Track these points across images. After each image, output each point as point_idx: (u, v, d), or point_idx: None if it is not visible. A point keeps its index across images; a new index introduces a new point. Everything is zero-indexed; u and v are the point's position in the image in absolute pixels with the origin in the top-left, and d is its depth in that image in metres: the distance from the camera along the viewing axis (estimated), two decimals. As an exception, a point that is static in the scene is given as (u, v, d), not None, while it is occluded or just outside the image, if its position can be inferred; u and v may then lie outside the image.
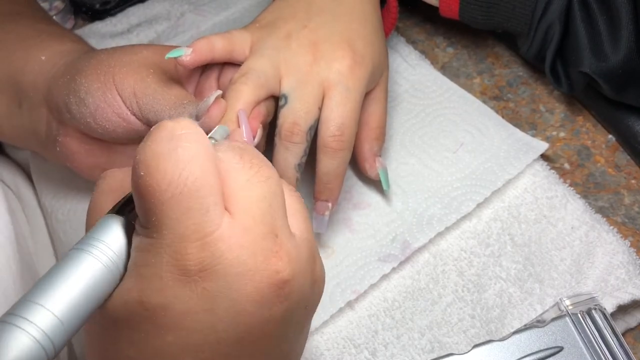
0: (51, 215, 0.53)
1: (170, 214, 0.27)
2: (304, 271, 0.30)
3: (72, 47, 0.48)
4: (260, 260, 0.28)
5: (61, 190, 0.54)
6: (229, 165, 0.29)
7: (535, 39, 0.54)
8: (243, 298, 0.28)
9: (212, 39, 0.45)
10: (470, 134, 0.54)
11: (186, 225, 0.27)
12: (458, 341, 0.46)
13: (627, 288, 0.46)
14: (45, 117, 0.46)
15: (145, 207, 0.27)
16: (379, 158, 0.50)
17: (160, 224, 0.27)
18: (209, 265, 0.27)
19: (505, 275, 0.48)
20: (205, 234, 0.27)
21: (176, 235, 0.27)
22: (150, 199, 0.27)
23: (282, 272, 0.28)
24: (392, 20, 0.55)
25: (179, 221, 0.27)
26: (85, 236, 0.28)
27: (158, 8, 0.67)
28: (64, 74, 0.45)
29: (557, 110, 0.58)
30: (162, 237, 0.27)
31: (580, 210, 0.50)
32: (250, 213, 0.28)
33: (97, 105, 0.43)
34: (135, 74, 0.43)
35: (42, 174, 0.55)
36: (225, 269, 0.27)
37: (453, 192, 0.51)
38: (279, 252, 0.29)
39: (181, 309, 0.28)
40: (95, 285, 0.27)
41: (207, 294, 0.28)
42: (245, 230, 0.28)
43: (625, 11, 0.49)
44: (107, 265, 0.28)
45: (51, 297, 0.26)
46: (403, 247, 0.49)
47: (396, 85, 0.58)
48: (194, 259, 0.27)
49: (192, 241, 0.27)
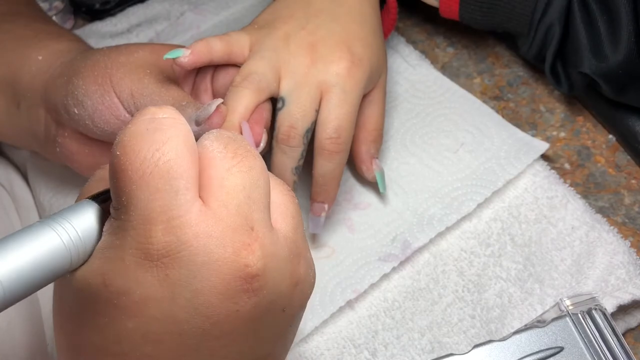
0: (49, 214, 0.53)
1: (139, 193, 0.26)
2: (281, 269, 0.29)
3: (69, 46, 0.48)
4: (230, 251, 0.27)
5: (60, 189, 0.54)
6: (211, 153, 0.29)
7: (535, 40, 0.54)
8: (207, 289, 0.27)
9: (210, 41, 0.45)
10: (471, 134, 0.54)
11: (152, 207, 0.26)
12: (458, 341, 0.46)
13: (628, 288, 0.46)
14: (44, 118, 0.46)
15: (117, 187, 0.27)
16: (375, 160, 0.50)
17: (128, 204, 0.27)
18: (173, 251, 0.27)
19: (506, 276, 0.48)
20: (171, 217, 0.27)
21: (142, 216, 0.27)
22: (122, 178, 0.27)
23: (252, 266, 0.27)
24: (391, 21, 0.55)
25: (146, 202, 0.26)
26: (55, 214, 0.28)
27: (158, 8, 0.67)
28: (61, 74, 0.45)
29: (557, 111, 0.58)
30: (129, 218, 0.27)
31: (580, 211, 0.50)
32: (225, 202, 0.28)
33: (96, 107, 0.43)
34: (132, 75, 0.43)
35: (40, 173, 0.55)
36: (189, 257, 0.27)
37: (453, 192, 0.51)
38: (252, 245, 0.28)
39: (142, 294, 0.27)
40: (48, 261, 0.26)
41: (169, 281, 0.27)
42: (216, 219, 0.27)
43: (625, 11, 0.49)
44: (67, 243, 0.27)
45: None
46: (403, 246, 0.49)
47: (397, 85, 0.58)
48: (158, 243, 0.26)
49: (157, 224, 0.26)
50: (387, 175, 0.53)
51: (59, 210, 0.28)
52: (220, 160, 0.29)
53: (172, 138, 0.27)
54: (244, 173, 0.28)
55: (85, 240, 0.28)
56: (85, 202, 0.29)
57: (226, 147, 0.29)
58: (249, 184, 0.28)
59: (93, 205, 0.29)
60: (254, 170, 0.29)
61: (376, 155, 0.50)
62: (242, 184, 0.28)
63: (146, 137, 0.27)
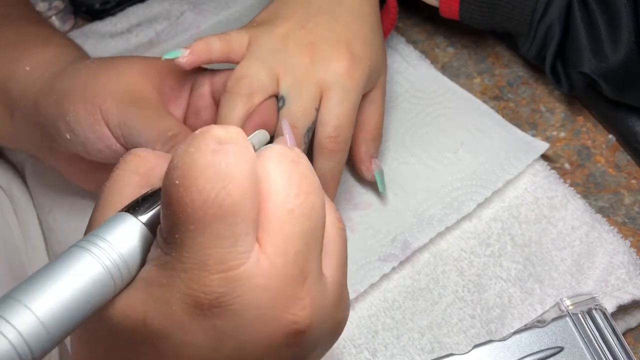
0: (48, 216, 0.53)
1: (197, 236, 0.24)
2: (326, 319, 0.28)
3: (56, 54, 0.46)
4: (281, 307, 0.25)
5: (58, 190, 0.54)
6: (274, 186, 0.26)
7: (535, 39, 0.54)
8: (253, 342, 0.26)
9: (209, 40, 0.44)
10: (471, 134, 0.54)
11: (211, 254, 0.24)
12: (458, 341, 0.46)
13: (628, 288, 0.46)
14: (36, 131, 0.45)
15: (172, 220, 0.25)
16: (375, 160, 0.50)
17: (182, 243, 0.24)
18: (225, 303, 0.25)
19: (506, 276, 0.48)
20: (229, 267, 0.24)
21: (197, 261, 0.24)
22: (179, 213, 0.24)
23: (300, 324, 0.26)
24: (391, 20, 0.55)
25: (203, 246, 0.24)
26: (91, 233, 0.25)
27: (158, 8, 0.67)
28: (51, 90, 0.43)
29: (557, 110, 0.58)
30: (182, 258, 0.24)
31: (580, 211, 0.50)
32: (284, 251, 0.25)
33: (87, 136, 0.42)
34: (119, 104, 0.41)
35: (39, 175, 0.55)
36: (242, 310, 0.25)
37: (454, 192, 0.51)
38: (303, 300, 0.26)
39: (185, 340, 0.25)
40: (90, 290, 0.24)
41: (216, 332, 0.25)
42: (273, 270, 0.25)
43: (626, 11, 0.49)
44: (109, 269, 0.24)
45: (37, 297, 0.23)
46: (403, 246, 0.49)
47: (396, 85, 0.58)
48: (211, 293, 0.24)
49: (213, 272, 0.24)
50: (387, 175, 0.53)
51: (93, 229, 0.26)
52: (283, 197, 0.26)
53: (239, 175, 0.24)
54: (306, 216, 0.26)
55: (128, 263, 0.25)
56: (122, 216, 0.26)
57: (290, 179, 0.26)
58: (308, 229, 0.26)
59: (133, 221, 0.26)
60: (316, 210, 0.26)
61: (375, 155, 0.50)
62: (303, 230, 0.26)
63: (211, 171, 0.24)
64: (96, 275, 0.24)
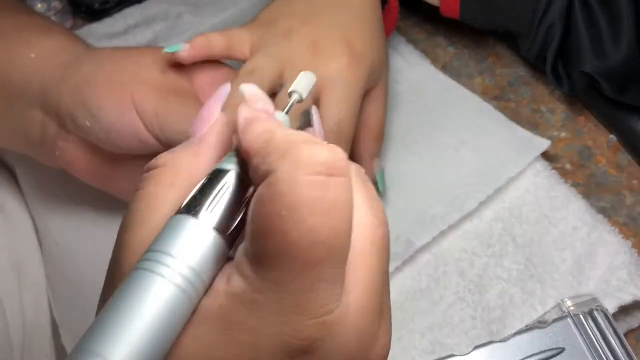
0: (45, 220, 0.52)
1: (301, 278, 0.22)
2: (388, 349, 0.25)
3: (63, 42, 0.45)
4: (366, 347, 0.24)
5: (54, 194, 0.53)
6: (358, 216, 0.24)
7: (536, 39, 0.54)
8: None
9: (210, 36, 0.44)
10: (472, 132, 0.54)
11: (311, 297, 0.22)
12: (459, 342, 0.46)
13: (629, 289, 0.46)
14: (40, 120, 0.44)
15: (269, 255, 0.22)
16: (376, 159, 0.50)
17: (281, 283, 0.22)
18: (317, 348, 0.22)
19: (507, 276, 0.48)
20: (325, 312, 0.22)
21: (296, 305, 0.22)
22: (283, 250, 0.21)
23: (375, 357, 0.24)
24: (393, 20, 0.55)
25: (305, 290, 0.22)
26: (150, 248, 0.22)
27: (156, 9, 0.67)
28: (64, 79, 0.42)
29: (558, 110, 0.58)
30: (277, 300, 0.22)
31: (581, 211, 0.50)
32: (369, 289, 0.23)
33: (112, 124, 0.40)
34: (155, 93, 0.41)
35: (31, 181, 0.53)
36: (329, 354, 0.23)
37: (456, 191, 0.51)
38: (382, 339, 0.24)
39: None
40: (169, 319, 0.21)
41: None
42: (361, 310, 0.23)
43: (627, 11, 0.49)
44: (184, 287, 0.21)
45: (116, 345, 0.20)
46: (406, 246, 0.49)
47: (397, 84, 0.58)
48: (306, 339, 0.22)
49: (311, 317, 0.22)
50: (388, 174, 0.52)
51: (154, 242, 0.22)
52: (366, 229, 0.24)
53: (347, 214, 0.22)
54: (385, 249, 0.24)
55: (200, 274, 0.22)
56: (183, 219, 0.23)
57: (371, 208, 0.24)
58: (385, 260, 0.24)
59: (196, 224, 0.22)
60: (386, 238, 0.25)
61: (377, 154, 0.50)
62: (381, 264, 0.24)
63: (322, 206, 0.21)
64: (171, 299, 0.21)
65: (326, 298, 0.22)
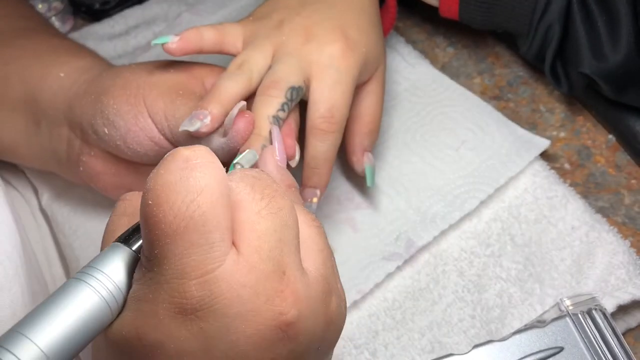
0: (51, 218, 0.53)
1: (173, 248, 0.26)
2: (315, 311, 0.28)
3: (91, 63, 0.47)
4: (263, 300, 0.26)
5: (60, 191, 0.54)
6: (239, 196, 0.28)
7: (535, 40, 0.54)
8: (242, 340, 0.27)
9: (201, 29, 0.44)
10: (472, 132, 0.54)
11: (187, 262, 0.26)
12: (458, 341, 0.46)
13: (628, 288, 0.46)
14: (66, 136, 0.45)
15: (150, 238, 0.26)
16: (367, 153, 0.49)
17: (161, 257, 0.26)
18: (207, 305, 0.26)
19: (506, 276, 0.48)
20: (206, 271, 0.26)
21: (176, 271, 0.26)
22: (155, 230, 0.26)
23: (287, 314, 0.27)
24: (390, 20, 0.55)
25: (180, 257, 0.26)
26: (87, 265, 0.27)
27: (156, 9, 0.67)
28: (87, 92, 0.44)
29: (557, 110, 0.58)
30: (162, 271, 0.26)
31: (580, 210, 0.50)
32: (257, 248, 0.27)
33: (128, 128, 0.42)
34: (165, 96, 0.42)
35: (40, 176, 0.55)
36: (224, 309, 0.26)
37: (456, 190, 0.51)
38: (284, 292, 0.27)
39: (177, 347, 0.27)
40: (89, 320, 0.26)
41: (203, 334, 0.26)
42: (250, 267, 0.26)
43: (625, 11, 0.49)
44: (105, 298, 0.26)
45: (40, 330, 0.25)
46: (407, 245, 0.49)
47: (396, 84, 0.58)
48: (192, 297, 0.26)
49: (192, 278, 0.26)
50: (388, 174, 0.53)
51: (91, 260, 0.28)
52: (249, 203, 0.28)
53: (207, 187, 0.26)
54: (274, 215, 0.28)
55: (122, 289, 0.27)
56: (115, 246, 0.28)
57: (253, 188, 0.28)
58: (279, 226, 0.28)
59: (123, 250, 0.28)
60: (283, 210, 0.28)
61: (369, 149, 0.49)
62: (273, 227, 0.27)
63: (179, 186, 0.26)
64: (94, 305, 0.26)
65: (202, 261, 0.26)
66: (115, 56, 0.64)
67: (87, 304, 0.26)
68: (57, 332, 0.25)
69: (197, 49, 0.44)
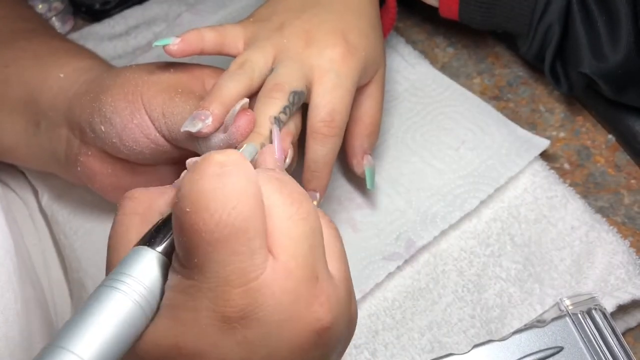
0: (51, 219, 0.53)
1: (215, 256, 0.26)
2: (343, 314, 0.29)
3: (91, 64, 0.47)
4: (303, 306, 0.27)
5: (61, 192, 0.54)
6: (270, 201, 0.28)
7: (534, 40, 0.54)
8: (283, 346, 0.27)
9: (202, 31, 0.44)
10: (472, 132, 0.54)
11: (231, 270, 0.26)
12: (458, 341, 0.46)
13: (627, 288, 0.46)
14: (65, 137, 0.45)
15: (188, 246, 0.26)
16: (367, 156, 0.49)
17: (203, 265, 0.26)
18: (251, 313, 0.26)
19: (505, 276, 0.48)
20: (249, 279, 0.26)
21: (220, 279, 0.26)
22: (195, 238, 0.26)
23: (323, 320, 0.27)
24: (390, 20, 0.55)
25: (224, 265, 0.26)
26: (114, 271, 0.27)
27: (156, 10, 0.67)
28: (87, 92, 0.44)
29: (557, 110, 0.58)
30: (204, 280, 0.26)
31: (580, 210, 0.50)
32: (293, 254, 0.27)
33: (125, 125, 0.42)
34: (164, 94, 0.42)
35: (40, 177, 0.55)
36: (267, 317, 0.26)
37: (456, 190, 0.51)
38: (320, 298, 0.27)
39: (218, 357, 0.27)
40: (127, 326, 0.26)
41: (246, 342, 0.26)
42: (288, 274, 0.27)
43: (625, 12, 0.49)
44: (139, 302, 0.26)
45: (79, 342, 0.24)
46: (407, 245, 0.49)
47: (396, 84, 0.58)
48: (236, 306, 0.26)
49: (236, 287, 0.26)
50: (389, 174, 0.53)
51: (116, 267, 0.27)
52: (280, 208, 0.28)
53: (246, 193, 0.26)
54: (304, 220, 0.28)
55: (155, 293, 0.27)
56: (140, 250, 0.28)
57: (281, 193, 0.28)
58: (310, 232, 0.28)
59: (150, 253, 0.28)
60: (312, 215, 0.28)
61: (369, 151, 0.49)
62: (305, 233, 0.28)
63: (219, 193, 0.26)
64: (129, 311, 0.26)
65: (245, 268, 0.26)
66: (115, 56, 0.64)
67: (123, 311, 0.26)
68: (97, 342, 0.25)
69: (198, 51, 0.44)
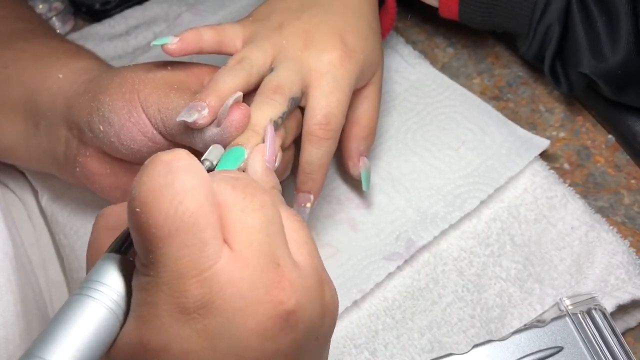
0: (51, 219, 0.53)
1: (167, 251, 0.26)
2: (312, 300, 0.29)
3: (90, 64, 0.47)
4: (262, 292, 0.27)
5: (61, 192, 0.54)
6: (222, 197, 0.28)
7: (534, 40, 0.54)
8: (246, 333, 0.27)
9: (200, 30, 0.44)
10: (472, 132, 0.54)
11: (183, 262, 0.26)
12: (458, 341, 0.46)
13: (627, 288, 0.46)
14: (64, 137, 0.46)
15: (143, 245, 0.27)
16: (364, 158, 0.49)
17: (157, 261, 0.26)
18: (208, 302, 0.27)
19: (505, 275, 0.48)
20: (203, 270, 0.26)
21: (173, 272, 0.26)
22: (147, 236, 0.26)
23: (286, 303, 0.28)
24: (390, 21, 0.55)
25: (176, 258, 0.26)
26: (85, 279, 0.28)
27: (156, 10, 0.67)
28: (85, 92, 0.44)
29: (556, 110, 0.58)
30: (160, 275, 0.27)
31: (580, 210, 0.50)
32: (248, 243, 0.28)
33: (123, 124, 0.42)
34: (159, 90, 0.42)
35: (40, 177, 0.55)
36: (225, 304, 0.27)
37: (456, 190, 0.51)
38: (281, 282, 0.28)
39: (182, 348, 0.27)
40: (101, 331, 0.26)
41: (207, 332, 0.27)
42: (244, 262, 0.27)
43: (624, 12, 0.49)
44: (111, 307, 0.27)
45: (55, 350, 0.25)
46: (407, 245, 0.49)
47: (396, 84, 0.58)
48: (193, 296, 0.26)
49: (190, 278, 0.26)
50: (389, 173, 0.53)
51: (86, 275, 0.28)
52: (232, 202, 0.28)
53: (193, 188, 0.27)
54: (257, 211, 0.28)
55: (125, 297, 0.28)
56: (108, 257, 0.28)
57: (234, 188, 0.29)
58: (265, 222, 0.28)
59: (117, 259, 0.28)
60: (266, 206, 0.29)
61: (365, 153, 0.49)
62: (259, 223, 0.28)
63: (165, 191, 0.26)
64: (102, 317, 0.27)
65: (198, 259, 0.26)
66: (115, 56, 0.64)
67: (96, 317, 0.26)
68: (72, 350, 0.25)
69: (197, 50, 0.44)
